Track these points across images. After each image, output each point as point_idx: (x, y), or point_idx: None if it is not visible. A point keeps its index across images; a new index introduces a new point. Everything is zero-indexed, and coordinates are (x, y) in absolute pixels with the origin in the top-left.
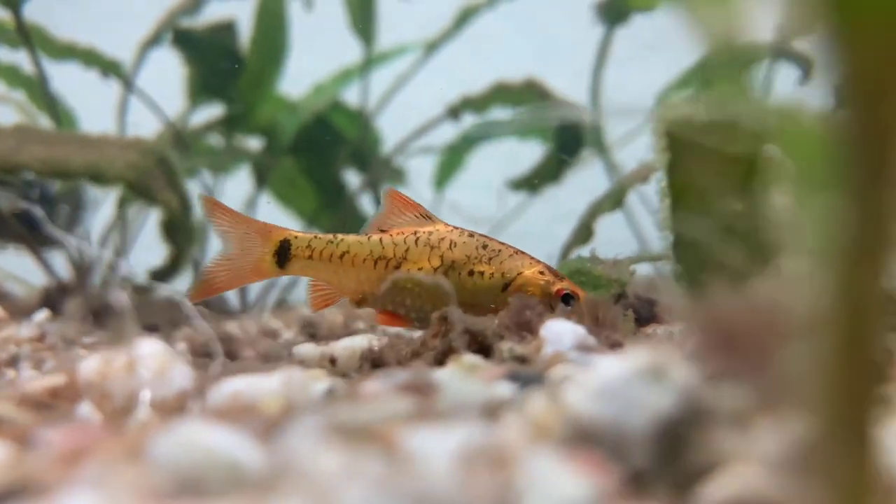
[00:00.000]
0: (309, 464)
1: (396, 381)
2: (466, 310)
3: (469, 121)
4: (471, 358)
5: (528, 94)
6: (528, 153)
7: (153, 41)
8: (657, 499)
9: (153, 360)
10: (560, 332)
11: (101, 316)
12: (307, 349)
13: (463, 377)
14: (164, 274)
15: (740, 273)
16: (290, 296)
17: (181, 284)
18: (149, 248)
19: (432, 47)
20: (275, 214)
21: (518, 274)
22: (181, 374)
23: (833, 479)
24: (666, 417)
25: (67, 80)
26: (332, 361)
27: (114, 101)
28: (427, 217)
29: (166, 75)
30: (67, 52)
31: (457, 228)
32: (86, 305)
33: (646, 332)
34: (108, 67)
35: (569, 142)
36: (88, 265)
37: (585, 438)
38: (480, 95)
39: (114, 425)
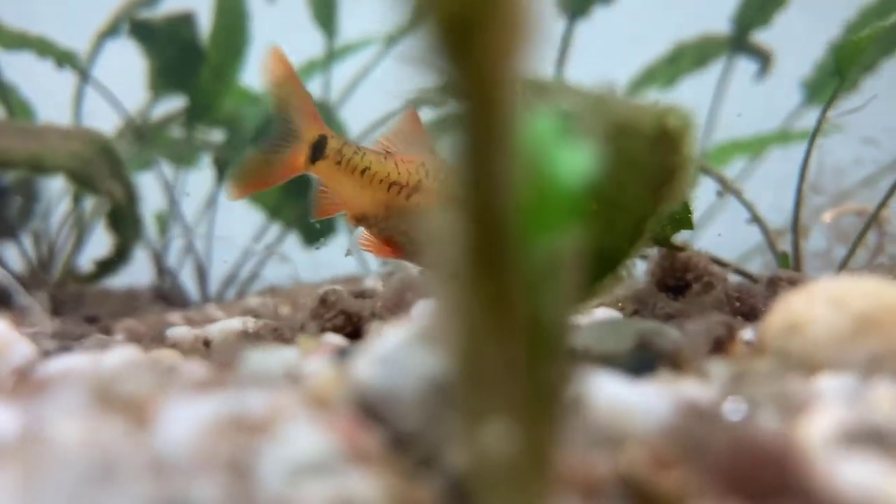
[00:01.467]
0: (51, 432)
1: (215, 358)
2: None
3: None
4: (332, 338)
5: None
6: None
7: (109, 32)
8: (412, 461)
9: None
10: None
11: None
12: (182, 331)
13: (271, 353)
14: (109, 265)
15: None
16: (249, 288)
17: (136, 276)
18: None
19: (394, 40)
20: (237, 206)
21: None
22: (20, 353)
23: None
24: (432, 381)
25: (29, 71)
26: (207, 344)
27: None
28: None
29: (132, 67)
30: (19, 41)
31: None
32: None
33: None
34: (62, 58)
35: None
36: (47, 258)
37: (360, 405)
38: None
39: None
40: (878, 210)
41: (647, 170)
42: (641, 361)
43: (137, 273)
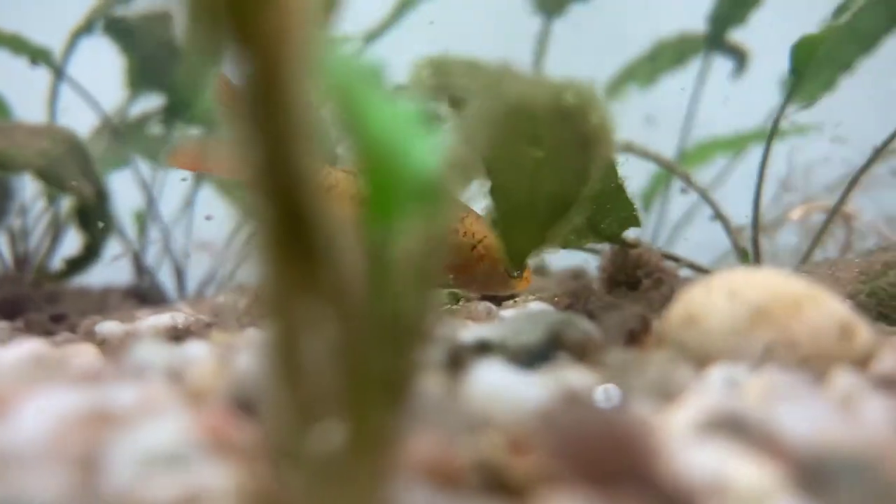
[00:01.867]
0: None
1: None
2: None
3: None
4: (252, 332)
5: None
6: None
7: (84, 29)
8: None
9: None
10: None
11: (16, 305)
12: (110, 326)
13: (164, 347)
14: (79, 263)
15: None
16: (227, 286)
17: (119, 276)
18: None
19: (372, 37)
20: (215, 205)
21: (484, 237)
22: None
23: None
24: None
25: (4, 68)
26: None
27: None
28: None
29: (110, 64)
30: None
31: None
32: None
33: None
34: (36, 55)
35: None
36: (23, 256)
37: (237, 397)
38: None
39: None
40: (838, 206)
41: (559, 141)
42: (541, 351)
43: (120, 272)
